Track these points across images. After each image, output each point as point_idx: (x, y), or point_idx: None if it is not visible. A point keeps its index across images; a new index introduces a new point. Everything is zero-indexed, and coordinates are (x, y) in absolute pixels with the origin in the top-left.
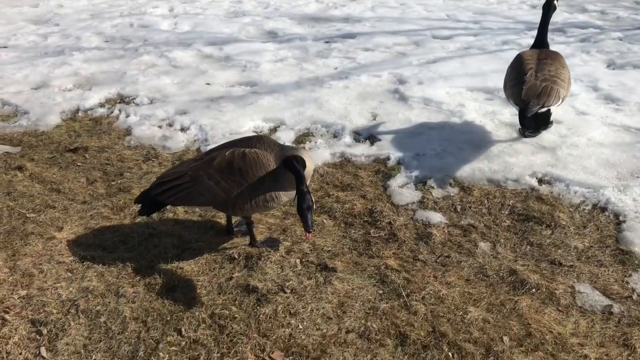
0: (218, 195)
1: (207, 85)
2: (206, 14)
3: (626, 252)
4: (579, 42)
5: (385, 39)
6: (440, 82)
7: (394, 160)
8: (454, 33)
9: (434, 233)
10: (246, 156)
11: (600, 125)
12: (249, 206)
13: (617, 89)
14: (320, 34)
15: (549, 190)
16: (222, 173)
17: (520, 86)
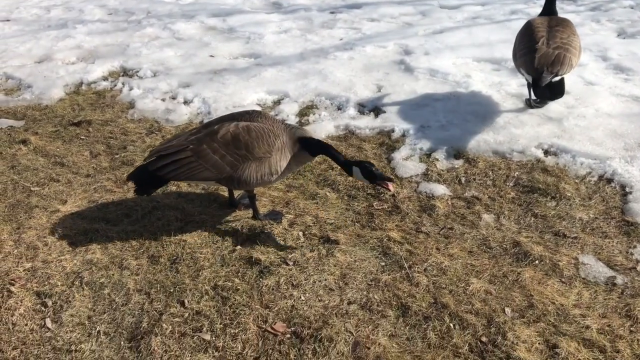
0: (223, 169)
1: (211, 57)
2: None
3: (632, 223)
4: (589, 10)
5: (391, 9)
6: (446, 53)
7: (398, 133)
8: (462, 2)
9: (437, 205)
10: (252, 130)
11: (608, 96)
12: (255, 180)
13: (627, 59)
14: (325, 5)
15: (555, 162)
16: (228, 147)
17: (532, 54)
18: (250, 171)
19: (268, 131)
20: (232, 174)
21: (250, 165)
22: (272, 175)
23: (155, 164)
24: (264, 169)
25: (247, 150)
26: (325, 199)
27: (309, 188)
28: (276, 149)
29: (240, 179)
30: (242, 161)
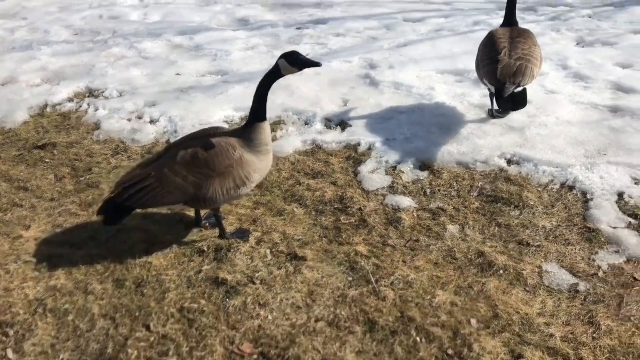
0: (188, 191)
1: (177, 75)
2: (177, 3)
3: (593, 230)
4: (549, 20)
5: (356, 24)
6: (411, 66)
7: (364, 146)
8: (426, 15)
9: (403, 217)
10: (210, 146)
11: (568, 104)
12: (221, 197)
13: (586, 67)
14: (292, 21)
15: (518, 171)
16: (189, 168)
17: (495, 65)
18: (215, 188)
19: (227, 145)
20: (196, 194)
21: (214, 182)
22: (238, 188)
23: (121, 196)
24: (229, 184)
25: (208, 167)
26: (293, 215)
27: (276, 204)
28: (237, 161)
29: (206, 197)
30: (205, 179)
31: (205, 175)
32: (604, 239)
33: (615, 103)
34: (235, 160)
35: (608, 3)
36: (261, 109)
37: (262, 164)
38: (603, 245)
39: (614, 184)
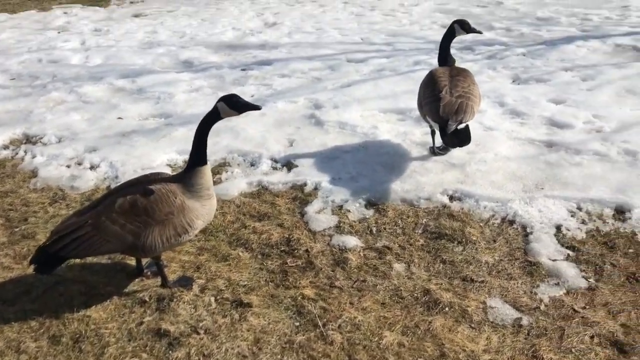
0: (125, 239)
1: (119, 119)
2: (119, 46)
3: (534, 263)
4: (486, 59)
5: (301, 65)
6: (354, 106)
7: (310, 186)
8: (368, 56)
9: (350, 258)
10: (149, 193)
11: (506, 140)
12: (160, 245)
13: (521, 104)
14: (236, 62)
15: (460, 207)
16: (127, 215)
17: (437, 103)
18: (154, 236)
19: (167, 191)
20: (135, 242)
21: (153, 230)
22: (179, 236)
23: (55, 246)
24: (169, 232)
25: (147, 215)
26: (238, 260)
27: (221, 249)
28: (177, 208)
29: (145, 246)
30: (144, 227)
31: (144, 223)
32: (544, 271)
33: (550, 138)
34: (176, 207)
35: (540, 42)
36: (201, 153)
37: (205, 209)
38: (544, 278)
39: (552, 217)
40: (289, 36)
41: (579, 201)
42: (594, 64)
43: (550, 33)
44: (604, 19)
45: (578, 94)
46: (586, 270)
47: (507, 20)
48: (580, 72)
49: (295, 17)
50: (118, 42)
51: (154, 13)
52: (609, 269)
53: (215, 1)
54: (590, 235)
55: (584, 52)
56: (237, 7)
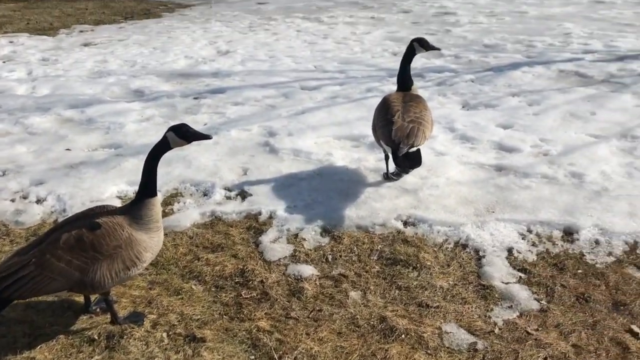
0: (72, 276)
1: (67, 151)
2: (68, 76)
3: (487, 286)
4: (436, 85)
5: (255, 92)
6: (309, 133)
7: (265, 215)
8: (321, 83)
9: (306, 287)
10: (95, 227)
11: (457, 165)
12: (109, 280)
13: (471, 129)
14: (189, 90)
15: (414, 232)
16: (73, 251)
17: (389, 127)
18: (103, 271)
19: (114, 224)
20: (82, 279)
21: (101, 266)
22: (128, 270)
23: None
24: (118, 266)
25: (94, 250)
26: (191, 293)
27: (173, 283)
28: (125, 241)
29: (93, 281)
30: (91, 263)
31: (92, 258)
32: (497, 295)
33: (499, 162)
34: (124, 240)
35: (488, 68)
36: (150, 184)
37: (153, 241)
38: (497, 301)
39: (503, 240)
40: (242, 64)
41: (529, 224)
42: (540, 89)
43: (497, 60)
44: (547, 45)
45: (525, 119)
46: (538, 292)
47: (455, 47)
48: (527, 97)
49: (249, 45)
50: (67, 71)
51: (104, 42)
52: (559, 290)
53: (167, 30)
54: (541, 257)
55: (530, 77)
56: (190, 35)
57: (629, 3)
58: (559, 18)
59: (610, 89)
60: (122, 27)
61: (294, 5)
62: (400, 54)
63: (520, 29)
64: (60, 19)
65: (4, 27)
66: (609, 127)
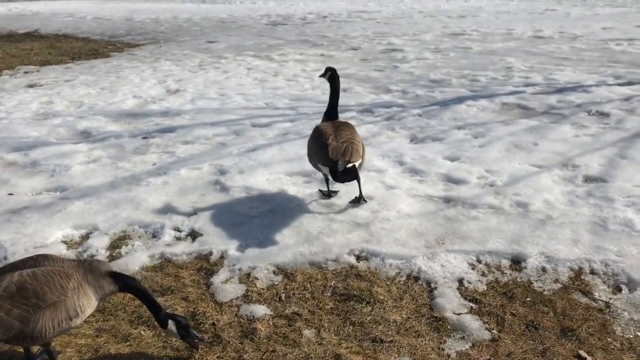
0: (12, 326)
1: (10, 195)
2: (11, 118)
3: (440, 318)
4: (384, 120)
5: (205, 131)
6: (260, 170)
7: (216, 255)
8: (272, 120)
9: (259, 328)
10: (39, 275)
11: (407, 197)
12: (51, 330)
13: (419, 162)
14: (137, 130)
15: (367, 266)
16: (14, 299)
17: (325, 149)
18: (45, 320)
19: (58, 272)
20: (23, 329)
21: (44, 314)
22: (70, 320)
23: None
24: (61, 315)
25: (37, 298)
26: (140, 339)
27: (121, 329)
28: (71, 290)
29: (34, 332)
30: (32, 311)
31: (34, 306)
32: (450, 326)
33: (447, 194)
34: (70, 289)
35: (434, 102)
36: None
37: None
38: (450, 332)
39: (454, 271)
40: (192, 103)
41: (478, 254)
42: (484, 121)
43: (443, 94)
44: (490, 79)
45: (471, 151)
46: (489, 322)
47: (402, 83)
48: (472, 129)
49: (199, 84)
50: (10, 113)
51: (50, 83)
52: (509, 319)
53: (116, 69)
54: (491, 286)
55: (474, 110)
56: (139, 74)
57: (565, 38)
58: (501, 53)
59: (551, 120)
60: (69, 68)
61: (244, 44)
62: (349, 90)
63: (465, 64)
64: (4, 60)
65: None
66: (551, 157)
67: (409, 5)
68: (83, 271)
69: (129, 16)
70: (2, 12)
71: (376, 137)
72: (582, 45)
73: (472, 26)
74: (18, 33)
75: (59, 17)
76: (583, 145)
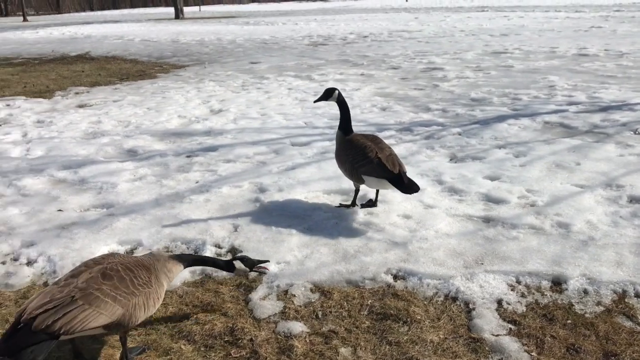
0: (115, 313)
1: (59, 211)
2: (62, 137)
3: (477, 339)
4: (424, 139)
5: (246, 150)
6: (299, 188)
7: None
8: (312, 139)
9: (295, 345)
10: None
11: (446, 217)
12: (142, 316)
13: (459, 181)
14: (181, 149)
15: (404, 286)
16: (117, 288)
17: (377, 161)
18: (139, 307)
19: (140, 265)
20: (124, 314)
21: (138, 302)
22: (154, 306)
23: (44, 321)
24: (149, 302)
25: (133, 287)
26: (180, 353)
27: (162, 343)
28: (154, 279)
29: (131, 318)
30: (130, 299)
31: (131, 294)
32: (487, 347)
33: (487, 214)
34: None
35: (474, 121)
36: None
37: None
38: (487, 354)
39: (493, 292)
40: (234, 122)
41: (517, 275)
42: (526, 140)
43: (483, 113)
44: (532, 98)
45: (512, 170)
46: (528, 344)
47: (443, 101)
48: (513, 148)
49: (241, 104)
50: (61, 133)
51: (99, 103)
52: (549, 341)
53: (162, 90)
54: (530, 308)
55: (516, 129)
56: (184, 95)
57: (611, 56)
58: (543, 71)
59: (594, 139)
60: (117, 88)
61: (285, 64)
62: (388, 109)
63: (506, 82)
64: (56, 82)
65: (1, 91)
66: (594, 177)
67: (450, 24)
68: (153, 262)
69: (175, 38)
70: (57, 35)
71: (415, 156)
72: (628, 62)
73: (514, 44)
74: (70, 55)
75: (109, 39)
76: (628, 165)
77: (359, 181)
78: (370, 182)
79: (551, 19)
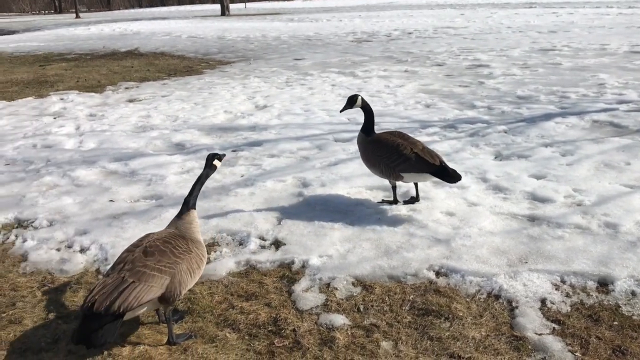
0: (164, 281)
1: (110, 202)
2: (113, 130)
3: (520, 337)
4: (468, 136)
5: (290, 145)
6: (341, 183)
7: (298, 264)
8: (354, 135)
9: (337, 337)
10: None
11: (489, 215)
12: (190, 280)
13: (503, 179)
14: (227, 143)
15: (446, 282)
16: (159, 261)
17: (416, 157)
18: (185, 271)
19: (174, 235)
20: (172, 281)
21: (182, 267)
22: (199, 269)
23: (103, 302)
24: (193, 265)
25: (174, 255)
26: (225, 341)
27: (208, 331)
28: (191, 243)
29: (180, 283)
30: (175, 266)
31: (174, 263)
32: (530, 346)
33: (532, 212)
34: (187, 242)
35: (520, 119)
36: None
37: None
38: (530, 352)
39: (537, 291)
40: (278, 118)
41: (562, 274)
42: (573, 139)
43: (530, 110)
44: (581, 96)
45: (558, 169)
46: (572, 344)
47: (488, 99)
48: (560, 147)
49: (285, 100)
50: (112, 126)
51: (148, 98)
52: (594, 342)
53: (208, 85)
54: (575, 308)
55: (563, 128)
56: (229, 91)
57: None
58: (593, 69)
59: None
60: (166, 84)
61: (329, 61)
62: (432, 105)
63: (554, 80)
64: (107, 77)
65: (55, 85)
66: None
67: (497, 20)
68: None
69: (221, 35)
70: (107, 32)
71: (459, 153)
72: None
73: (563, 41)
74: (120, 51)
75: (157, 36)
76: None
77: (397, 179)
78: (410, 178)
79: (602, 15)
